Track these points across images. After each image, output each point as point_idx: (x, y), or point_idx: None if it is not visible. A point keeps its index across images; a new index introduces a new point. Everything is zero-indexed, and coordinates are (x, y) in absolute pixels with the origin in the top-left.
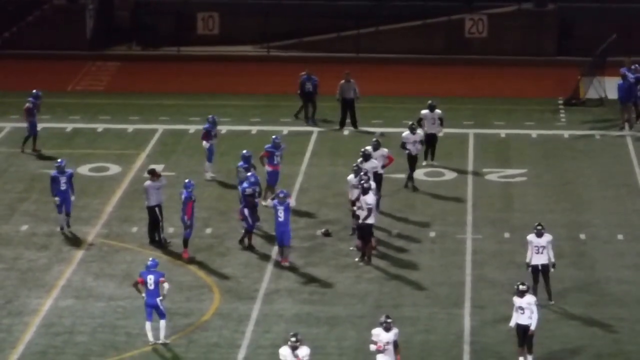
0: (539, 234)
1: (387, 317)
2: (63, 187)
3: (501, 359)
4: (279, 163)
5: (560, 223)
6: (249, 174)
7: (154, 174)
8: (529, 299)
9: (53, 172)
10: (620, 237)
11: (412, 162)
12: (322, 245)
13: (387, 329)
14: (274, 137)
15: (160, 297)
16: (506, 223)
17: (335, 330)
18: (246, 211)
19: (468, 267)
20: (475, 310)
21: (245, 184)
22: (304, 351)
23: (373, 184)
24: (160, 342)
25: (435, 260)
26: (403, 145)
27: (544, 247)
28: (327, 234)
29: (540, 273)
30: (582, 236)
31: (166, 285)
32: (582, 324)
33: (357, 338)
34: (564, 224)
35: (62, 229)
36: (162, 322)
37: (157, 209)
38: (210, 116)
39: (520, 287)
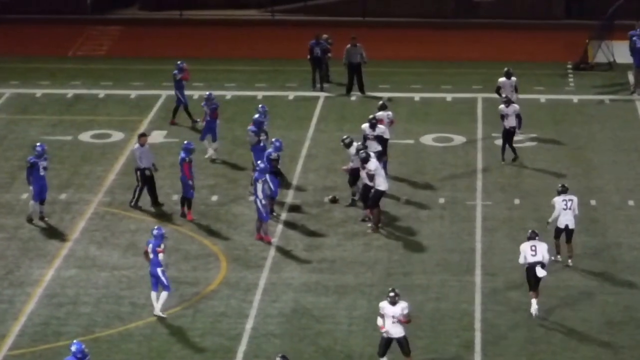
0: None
1: (393, 290)
2: (42, 172)
3: (513, 327)
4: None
5: (570, 189)
6: (274, 139)
7: (142, 137)
8: (540, 243)
9: (31, 157)
10: (631, 202)
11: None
12: (329, 212)
13: (393, 303)
14: (260, 106)
15: (162, 267)
16: (516, 189)
17: (344, 299)
18: (269, 177)
19: (478, 234)
20: (487, 278)
21: (270, 149)
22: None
23: (371, 153)
24: (154, 314)
25: (445, 227)
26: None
27: (570, 207)
28: (334, 200)
29: (566, 233)
30: (593, 202)
31: (161, 256)
32: (593, 291)
33: (367, 307)
34: (575, 190)
35: (30, 220)
36: (163, 294)
37: (147, 171)
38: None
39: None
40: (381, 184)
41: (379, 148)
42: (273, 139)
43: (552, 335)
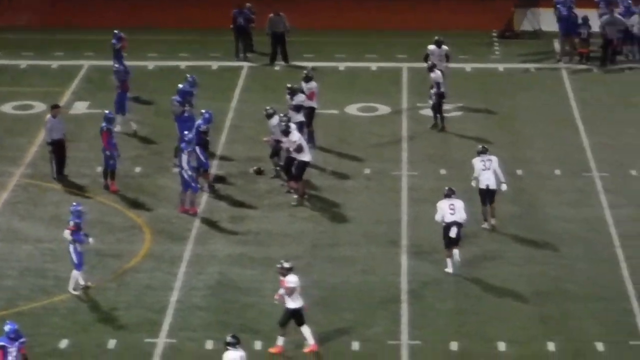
0: (484, 153)
1: (285, 262)
2: None
3: (440, 298)
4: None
5: (498, 158)
6: (203, 110)
7: (54, 108)
8: (457, 201)
9: None
10: (558, 172)
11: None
12: (254, 184)
13: (282, 274)
14: (189, 76)
15: (73, 245)
16: (443, 159)
17: (270, 271)
18: (198, 149)
19: (404, 205)
20: (413, 249)
21: (200, 121)
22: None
23: (292, 125)
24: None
25: (371, 198)
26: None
27: (489, 168)
28: (259, 172)
29: (487, 194)
30: (520, 172)
31: (66, 233)
32: (521, 261)
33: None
34: (502, 160)
35: None
36: (73, 273)
37: (57, 143)
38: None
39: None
40: (305, 155)
41: (301, 118)
42: (203, 111)
43: (480, 306)
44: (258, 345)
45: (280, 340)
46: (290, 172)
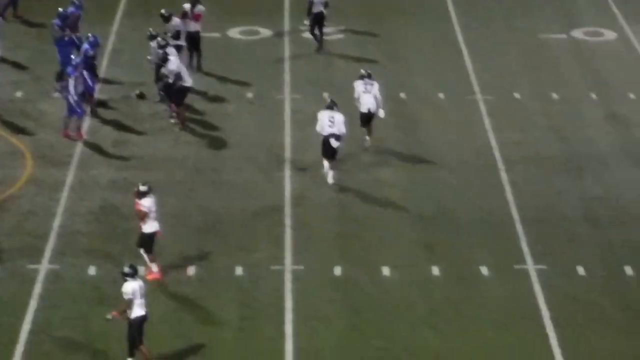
0: (367, 77)
1: (142, 184)
2: None
3: (325, 222)
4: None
5: (380, 82)
6: (89, 34)
7: None
8: (337, 114)
9: None
10: (442, 96)
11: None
12: (137, 108)
13: (138, 197)
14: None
15: None
16: (325, 82)
17: (153, 196)
18: (86, 73)
19: (287, 129)
20: (296, 173)
21: (86, 45)
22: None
23: (171, 50)
24: None
25: (254, 121)
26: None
27: (370, 92)
28: (141, 96)
29: (367, 117)
30: (404, 96)
31: None
32: (404, 185)
33: (176, 204)
34: (385, 84)
35: None
36: None
37: None
38: None
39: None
40: (185, 80)
41: (181, 43)
42: (89, 34)
43: (364, 231)
44: (141, 271)
45: (154, 267)
46: (171, 97)
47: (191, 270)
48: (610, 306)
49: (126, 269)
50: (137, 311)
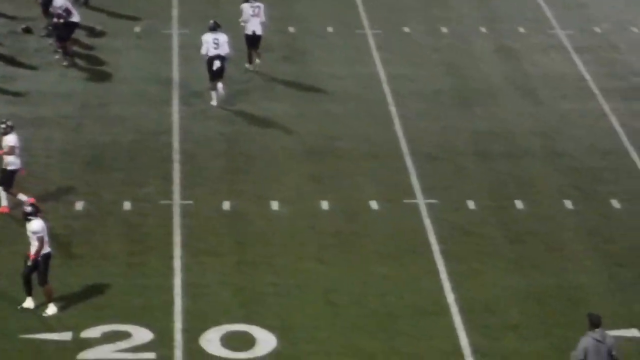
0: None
1: (7, 120)
2: None
3: (212, 156)
4: None
5: (269, 15)
6: None
7: None
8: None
9: None
10: (330, 29)
11: None
12: (24, 43)
13: (3, 134)
14: None
15: None
16: (215, 17)
17: (41, 131)
18: None
19: (175, 63)
20: (184, 108)
21: None
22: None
23: None
24: None
25: (142, 56)
26: None
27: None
28: (27, 30)
29: (253, 39)
30: (292, 29)
31: None
32: (293, 118)
33: (64, 139)
34: (273, 17)
35: None
36: None
37: None
38: None
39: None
40: (73, 16)
41: None
42: None
43: (253, 164)
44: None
45: (3, 201)
46: (59, 32)
47: (79, 205)
48: (500, 240)
49: (28, 209)
50: (45, 248)
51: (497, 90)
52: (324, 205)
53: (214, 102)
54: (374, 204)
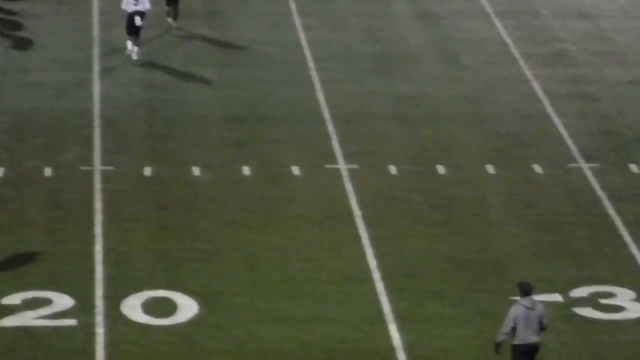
0: None
1: None
2: None
3: (133, 123)
4: None
5: None
6: None
7: None
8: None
9: None
10: None
11: None
12: None
13: None
14: None
15: None
16: None
17: None
18: None
19: (96, 29)
20: (106, 74)
21: None
22: None
23: None
24: None
25: (62, 22)
26: None
27: None
28: None
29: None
30: None
31: None
32: (213, 83)
33: None
34: None
35: None
36: None
37: None
38: None
39: None
40: None
41: None
42: None
43: (174, 131)
44: None
45: None
46: None
47: (0, 172)
48: (422, 205)
49: None
50: None
51: (419, 55)
52: (246, 170)
53: (134, 57)
54: (295, 170)
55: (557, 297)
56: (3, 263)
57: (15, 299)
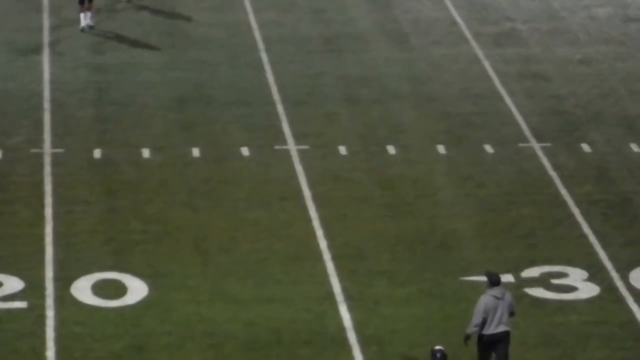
0: None
1: None
2: None
3: (82, 106)
4: None
5: None
6: None
7: None
8: None
9: None
10: None
11: None
12: None
13: None
14: None
15: None
16: None
17: None
18: None
19: (46, 11)
20: (55, 57)
21: None
22: None
23: None
24: None
25: (12, 4)
26: None
27: None
28: None
29: None
30: None
31: None
32: (163, 66)
33: None
34: None
35: None
36: None
37: None
38: None
39: None
40: None
41: None
42: None
43: (123, 113)
44: None
45: None
46: None
47: None
48: (371, 185)
49: None
50: None
51: (367, 36)
52: (195, 152)
53: (82, 24)
54: (244, 151)
55: (508, 278)
56: None
57: None
